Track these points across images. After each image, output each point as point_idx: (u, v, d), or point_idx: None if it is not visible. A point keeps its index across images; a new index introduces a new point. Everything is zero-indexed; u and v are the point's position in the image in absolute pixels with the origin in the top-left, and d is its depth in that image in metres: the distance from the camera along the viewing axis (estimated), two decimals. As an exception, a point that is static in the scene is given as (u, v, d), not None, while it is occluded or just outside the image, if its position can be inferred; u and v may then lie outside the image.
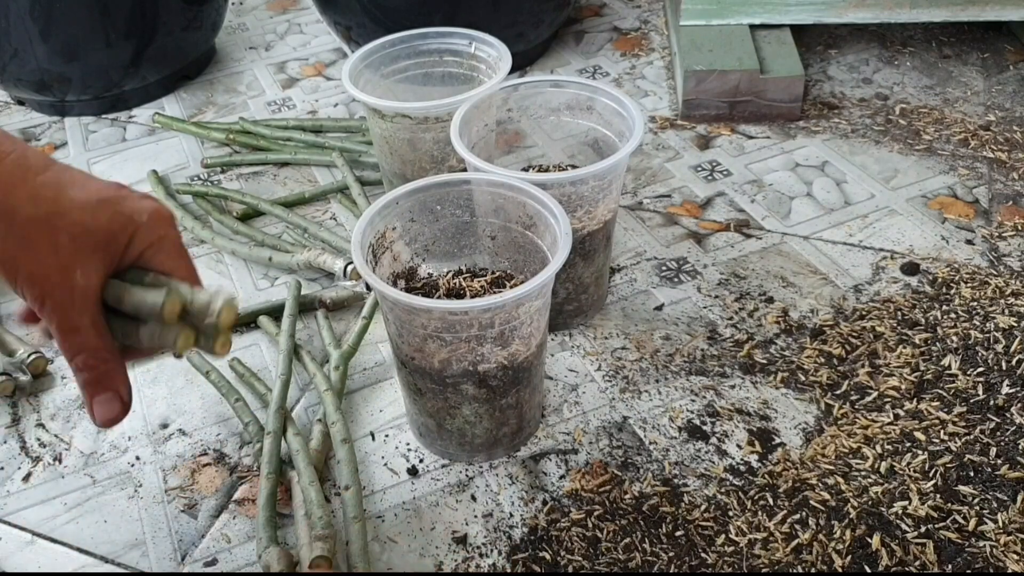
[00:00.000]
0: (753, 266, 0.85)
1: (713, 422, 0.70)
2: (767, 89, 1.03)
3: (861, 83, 1.11)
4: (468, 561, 0.62)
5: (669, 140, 1.03)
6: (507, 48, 0.84)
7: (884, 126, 1.03)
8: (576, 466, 0.68)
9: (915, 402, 0.71)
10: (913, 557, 0.60)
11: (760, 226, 0.90)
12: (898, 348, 0.75)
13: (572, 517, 0.64)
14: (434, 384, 0.64)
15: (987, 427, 0.68)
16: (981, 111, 1.05)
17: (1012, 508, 0.63)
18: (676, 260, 0.86)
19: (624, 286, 0.84)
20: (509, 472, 0.68)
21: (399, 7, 1.07)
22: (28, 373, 0.76)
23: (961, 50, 1.17)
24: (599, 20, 1.29)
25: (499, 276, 0.71)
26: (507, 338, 0.62)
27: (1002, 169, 0.96)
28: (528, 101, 0.81)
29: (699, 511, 0.64)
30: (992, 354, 0.74)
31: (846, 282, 0.83)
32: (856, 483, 0.65)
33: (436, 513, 0.65)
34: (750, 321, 0.79)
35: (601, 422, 0.71)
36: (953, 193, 0.93)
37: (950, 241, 0.87)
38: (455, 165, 0.84)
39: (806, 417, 0.71)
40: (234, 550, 0.64)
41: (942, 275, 0.82)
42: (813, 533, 0.62)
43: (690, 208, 0.93)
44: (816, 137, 1.02)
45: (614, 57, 1.20)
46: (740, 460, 0.68)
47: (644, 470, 0.67)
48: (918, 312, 0.79)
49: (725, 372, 0.75)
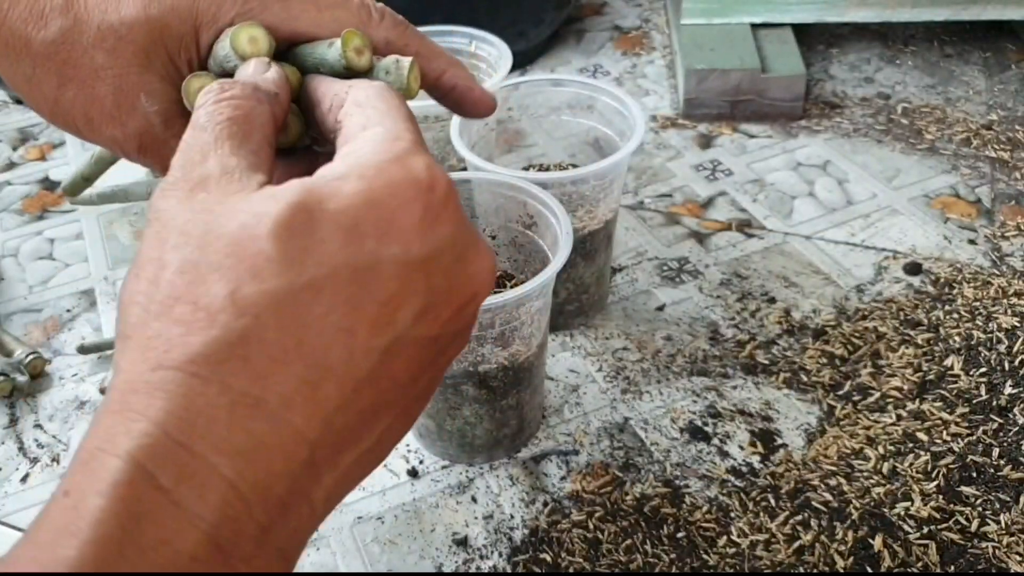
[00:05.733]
0: (755, 266, 0.85)
1: (715, 423, 0.70)
2: (769, 88, 1.03)
3: (863, 82, 1.11)
4: (468, 563, 0.62)
5: (670, 139, 1.03)
6: (507, 47, 0.84)
7: (886, 125, 1.03)
8: (577, 467, 0.68)
9: (917, 403, 0.70)
10: (916, 558, 0.60)
11: (762, 226, 0.90)
12: (900, 348, 0.75)
13: (573, 518, 0.64)
14: (434, 385, 0.63)
15: (990, 428, 0.68)
16: (983, 110, 1.04)
17: (1015, 509, 0.63)
18: (677, 260, 0.86)
19: (625, 286, 0.83)
20: (510, 473, 0.68)
21: (399, 6, 1.06)
22: (26, 374, 0.76)
23: (963, 49, 1.16)
24: (600, 19, 1.29)
25: (499, 276, 0.71)
26: (508, 338, 0.61)
27: (1004, 168, 0.95)
28: (529, 100, 0.80)
29: (701, 512, 0.64)
30: (995, 354, 0.74)
31: (848, 282, 0.82)
32: (858, 484, 0.65)
33: (436, 515, 0.65)
34: (752, 321, 0.79)
35: (602, 423, 0.71)
36: (955, 193, 0.92)
37: (952, 241, 0.86)
38: (455, 164, 0.84)
39: (808, 418, 0.70)
40: (233, 551, 0.64)
41: (944, 275, 0.82)
42: (815, 534, 0.62)
43: (691, 208, 0.93)
44: (818, 136, 1.02)
45: (615, 56, 1.20)
46: (742, 461, 0.67)
47: (645, 471, 0.67)
48: (920, 312, 0.78)
49: (727, 373, 0.74)
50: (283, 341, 0.24)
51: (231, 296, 0.24)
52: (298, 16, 0.35)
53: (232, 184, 0.27)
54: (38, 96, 0.37)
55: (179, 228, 0.26)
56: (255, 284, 0.24)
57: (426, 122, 0.81)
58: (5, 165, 1.04)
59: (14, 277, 0.88)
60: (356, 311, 0.25)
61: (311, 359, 0.25)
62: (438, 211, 0.27)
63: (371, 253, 0.26)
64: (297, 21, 0.35)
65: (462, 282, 0.28)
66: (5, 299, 0.85)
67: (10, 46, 0.36)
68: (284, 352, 0.24)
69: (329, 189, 0.26)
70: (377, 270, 0.26)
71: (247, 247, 0.25)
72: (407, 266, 0.26)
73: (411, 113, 0.31)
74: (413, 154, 0.28)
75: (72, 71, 0.35)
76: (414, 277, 0.26)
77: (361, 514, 0.65)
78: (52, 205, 0.97)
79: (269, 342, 0.24)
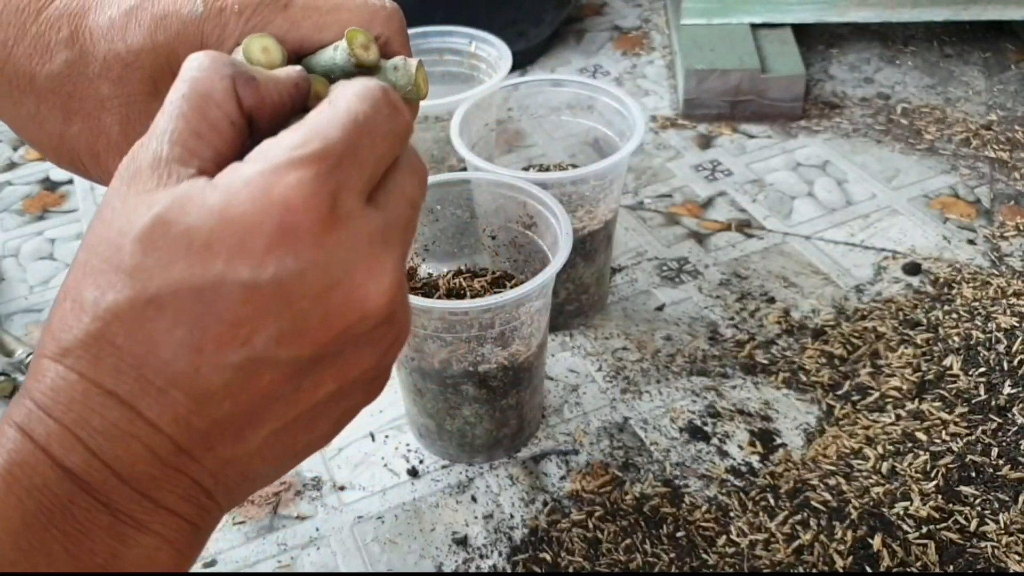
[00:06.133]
0: (754, 266, 0.85)
1: (714, 423, 0.70)
2: (768, 88, 1.03)
3: (862, 82, 1.11)
4: (468, 562, 0.62)
5: (670, 139, 1.03)
6: (507, 47, 0.84)
7: (885, 125, 1.03)
8: (577, 467, 0.68)
9: (917, 402, 0.70)
10: (915, 558, 0.60)
11: (761, 226, 0.90)
12: (900, 348, 0.75)
13: (573, 518, 0.64)
14: (434, 385, 0.64)
15: (989, 427, 0.68)
16: (983, 110, 1.05)
17: (1013, 508, 0.63)
18: (677, 260, 0.86)
19: (625, 286, 0.83)
20: (509, 473, 0.68)
21: (400, 6, 1.06)
22: (26, 374, 0.76)
23: (963, 49, 1.16)
24: (600, 19, 1.29)
25: (499, 276, 0.71)
26: (507, 338, 0.62)
27: (1004, 169, 0.95)
28: (529, 100, 0.80)
29: (700, 512, 0.64)
30: (994, 354, 0.74)
31: (848, 282, 0.82)
32: (857, 484, 0.65)
33: (436, 514, 0.65)
34: (751, 321, 0.79)
35: (602, 423, 0.71)
36: (955, 193, 0.93)
37: (952, 241, 0.86)
38: (455, 164, 0.84)
39: (807, 418, 0.70)
40: (234, 551, 0.64)
41: (944, 275, 0.82)
42: (814, 534, 0.62)
43: (691, 208, 0.93)
44: (817, 137, 1.02)
45: (615, 56, 1.20)
46: (741, 461, 0.67)
47: (645, 471, 0.67)
48: (920, 312, 0.78)
49: (726, 372, 0.74)
50: (131, 347, 0.27)
51: (94, 301, 0.27)
52: (301, 23, 0.36)
53: (150, 180, 0.28)
54: (42, 134, 0.37)
55: (93, 223, 0.29)
56: (111, 292, 0.27)
57: (426, 122, 0.81)
58: (6, 165, 1.04)
59: (15, 277, 0.88)
60: (200, 330, 0.26)
61: (156, 367, 0.27)
62: (300, 232, 0.26)
63: (217, 275, 0.26)
64: (301, 28, 0.36)
65: (338, 305, 0.27)
66: (6, 299, 0.85)
67: (14, 84, 0.36)
68: (133, 356, 0.27)
69: (198, 199, 0.27)
70: (221, 291, 0.26)
71: (114, 254, 0.27)
72: (257, 289, 0.26)
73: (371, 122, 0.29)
74: (296, 167, 0.27)
75: (77, 104, 0.36)
76: (268, 300, 0.26)
77: (361, 514, 0.65)
78: (53, 205, 0.97)
79: (118, 346, 0.27)
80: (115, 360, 0.27)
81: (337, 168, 0.27)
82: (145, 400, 0.27)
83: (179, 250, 0.26)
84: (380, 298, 0.28)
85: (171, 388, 0.27)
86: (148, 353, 0.26)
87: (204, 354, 0.26)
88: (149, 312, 0.26)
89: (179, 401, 0.27)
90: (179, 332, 0.26)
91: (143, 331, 0.26)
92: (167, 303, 0.26)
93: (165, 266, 0.26)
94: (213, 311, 0.26)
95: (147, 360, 0.26)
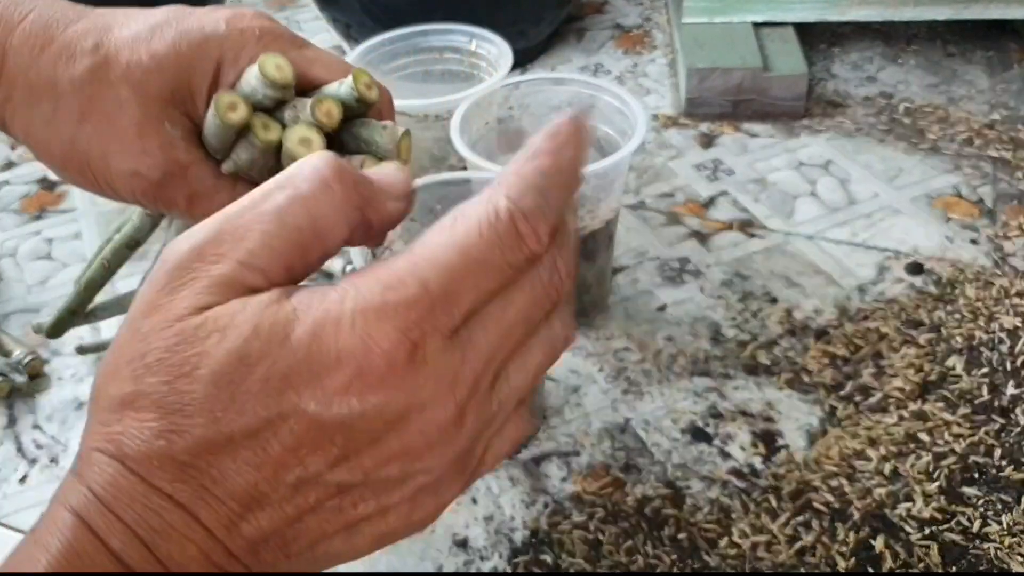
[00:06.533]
0: (757, 266, 0.84)
1: (716, 424, 0.70)
2: (770, 87, 1.03)
3: (865, 81, 1.10)
4: (469, 564, 0.62)
5: (672, 138, 1.03)
6: (508, 45, 0.84)
7: (888, 125, 1.03)
8: (578, 468, 0.67)
9: (919, 403, 0.70)
10: (917, 559, 0.60)
11: (764, 226, 0.89)
12: (902, 349, 0.74)
13: (574, 519, 0.64)
14: (434, 385, 0.63)
15: (992, 428, 0.68)
16: (986, 110, 1.04)
17: (1016, 509, 0.62)
18: (679, 260, 0.86)
19: (626, 286, 0.83)
20: (510, 474, 0.67)
21: (399, 4, 1.06)
22: (24, 374, 0.76)
23: (966, 48, 1.16)
24: (601, 17, 1.29)
25: (500, 276, 0.70)
26: (508, 339, 0.61)
27: (1007, 168, 0.95)
28: (529, 99, 0.80)
29: (702, 513, 0.63)
30: (997, 355, 0.73)
31: (850, 282, 0.82)
32: (860, 485, 0.65)
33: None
34: (754, 322, 0.79)
35: (603, 424, 0.70)
36: (958, 193, 0.92)
37: (954, 241, 0.86)
38: (455, 164, 0.84)
39: (810, 419, 0.70)
40: (232, 552, 0.63)
41: (946, 275, 0.82)
42: (817, 535, 0.62)
43: (693, 207, 0.92)
44: (820, 136, 1.01)
45: (616, 55, 1.19)
46: (743, 462, 0.67)
47: (647, 472, 0.67)
48: (922, 312, 0.78)
49: (728, 373, 0.74)
50: (196, 463, 0.28)
51: (159, 428, 0.28)
52: (313, 62, 0.38)
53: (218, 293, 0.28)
54: (54, 137, 0.38)
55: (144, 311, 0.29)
56: (181, 423, 0.27)
57: (426, 121, 0.81)
58: (4, 165, 1.04)
59: (12, 277, 0.88)
60: (263, 452, 0.28)
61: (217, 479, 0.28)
62: (372, 377, 0.27)
63: (289, 407, 0.27)
64: (312, 66, 0.38)
65: (387, 443, 0.28)
66: (4, 299, 0.85)
67: (35, 88, 0.38)
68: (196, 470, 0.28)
69: (281, 333, 0.27)
70: (288, 420, 0.27)
71: (184, 383, 0.27)
72: (320, 422, 0.27)
73: (485, 259, 0.28)
74: (388, 317, 0.27)
75: (95, 105, 0.37)
76: (329, 431, 0.27)
77: (361, 515, 0.65)
78: (51, 205, 0.97)
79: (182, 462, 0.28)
80: (178, 471, 0.28)
81: (429, 315, 0.27)
82: (204, 508, 0.28)
83: (255, 387, 0.27)
84: (428, 437, 0.29)
85: (228, 499, 0.28)
86: (211, 468, 0.27)
87: (262, 471, 0.28)
88: (219, 445, 0.27)
89: (234, 511, 0.28)
90: (244, 453, 0.27)
91: (211, 455, 0.27)
92: (237, 438, 0.27)
93: (240, 409, 0.27)
94: (278, 436, 0.27)
95: (209, 474, 0.28)
